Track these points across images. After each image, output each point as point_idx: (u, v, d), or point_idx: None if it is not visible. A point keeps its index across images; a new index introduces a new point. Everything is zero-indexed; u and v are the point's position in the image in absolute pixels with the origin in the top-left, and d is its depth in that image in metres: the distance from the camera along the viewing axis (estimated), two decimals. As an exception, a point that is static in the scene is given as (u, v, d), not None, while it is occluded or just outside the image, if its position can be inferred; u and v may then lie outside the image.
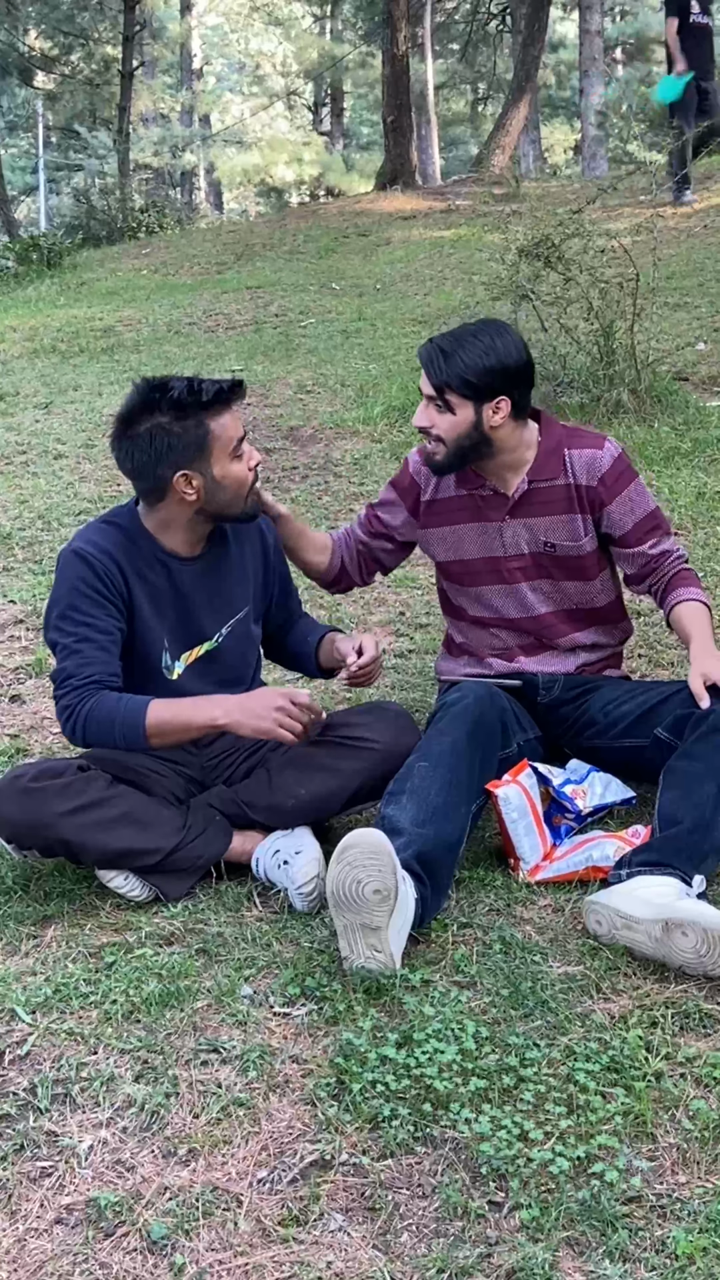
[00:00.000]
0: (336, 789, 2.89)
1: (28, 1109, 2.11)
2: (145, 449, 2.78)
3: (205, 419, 2.78)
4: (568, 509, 3.12)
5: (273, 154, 34.82)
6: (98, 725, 2.73)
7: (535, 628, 3.22)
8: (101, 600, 2.80)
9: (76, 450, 6.98)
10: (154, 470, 2.80)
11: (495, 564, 3.19)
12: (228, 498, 2.85)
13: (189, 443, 2.77)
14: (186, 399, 2.76)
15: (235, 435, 2.82)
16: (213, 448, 2.79)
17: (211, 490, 2.82)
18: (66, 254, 16.67)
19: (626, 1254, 1.79)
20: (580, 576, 3.18)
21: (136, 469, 2.82)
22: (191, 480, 2.80)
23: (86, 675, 2.76)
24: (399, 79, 19.13)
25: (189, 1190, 1.92)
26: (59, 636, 2.82)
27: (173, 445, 2.77)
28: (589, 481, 3.10)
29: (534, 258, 7.14)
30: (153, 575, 2.89)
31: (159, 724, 2.72)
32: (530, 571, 3.18)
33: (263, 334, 10.34)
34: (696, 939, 2.40)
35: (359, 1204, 1.90)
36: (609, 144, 23.22)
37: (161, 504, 2.87)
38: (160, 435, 2.77)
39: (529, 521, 3.14)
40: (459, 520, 3.20)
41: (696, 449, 6.27)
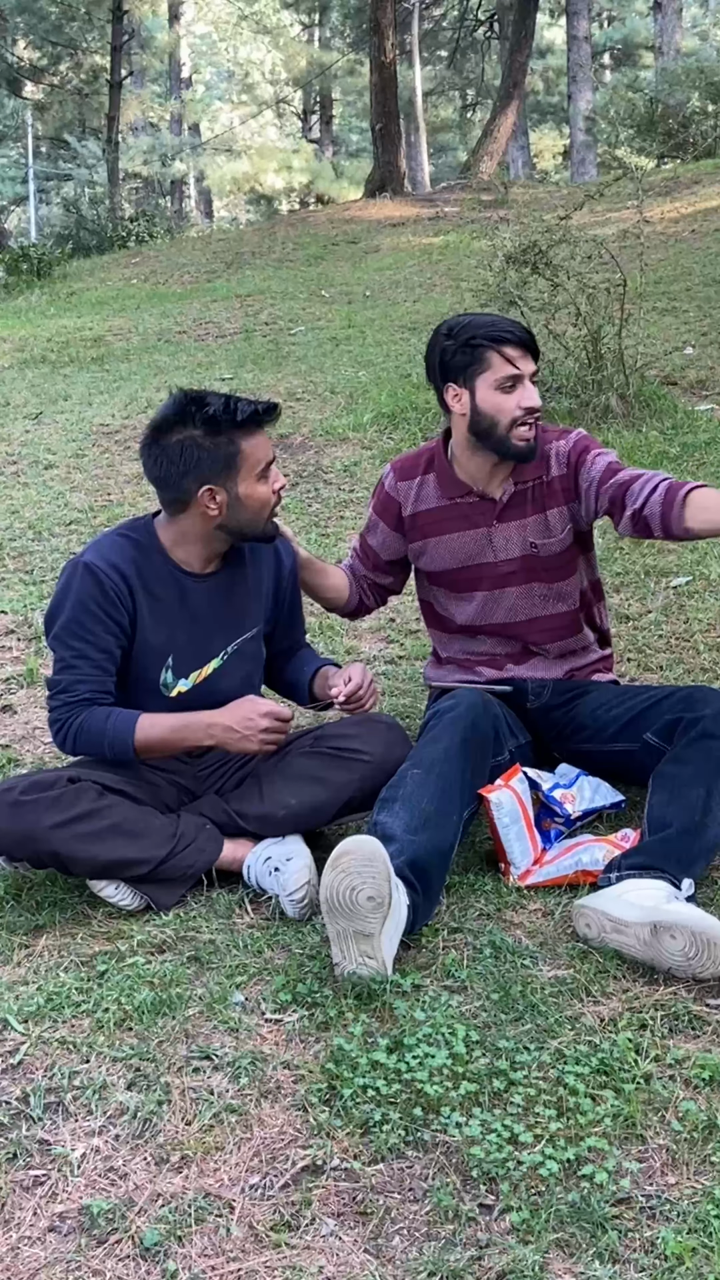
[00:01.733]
0: (327, 800, 2.90)
1: (20, 1118, 2.12)
2: (174, 459, 2.80)
3: (237, 438, 2.80)
4: (543, 507, 3.14)
5: (262, 162, 34.87)
6: (88, 738, 2.82)
7: (524, 632, 3.22)
8: (104, 618, 2.82)
9: (67, 460, 7.00)
10: (179, 481, 2.82)
11: (488, 570, 3.19)
12: (248, 517, 2.87)
13: (218, 459, 2.79)
14: (221, 416, 2.78)
15: (264, 457, 2.84)
16: (241, 467, 2.81)
17: (234, 508, 2.84)
18: (56, 264, 16.70)
19: (616, 1255, 1.80)
20: (565, 573, 3.20)
21: (162, 478, 2.84)
22: (215, 495, 2.82)
23: (78, 693, 2.82)
24: (387, 86, 19.18)
25: (181, 1197, 1.93)
26: (58, 647, 2.86)
27: (201, 460, 2.79)
28: (560, 470, 3.13)
29: (522, 264, 7.17)
30: (163, 592, 2.90)
31: (146, 742, 2.82)
32: (520, 575, 3.18)
33: (252, 342, 10.36)
34: (685, 942, 2.41)
35: (350, 1208, 1.91)
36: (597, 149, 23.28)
37: (182, 516, 2.88)
38: (190, 448, 2.79)
39: (517, 524, 3.16)
40: (447, 530, 3.21)
41: (685, 453, 6.29)
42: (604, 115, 23.03)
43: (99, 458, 7.02)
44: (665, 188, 14.94)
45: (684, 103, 19.66)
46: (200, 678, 2.96)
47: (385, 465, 3.33)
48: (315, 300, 12.13)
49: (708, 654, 4.14)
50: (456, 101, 37.87)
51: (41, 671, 4.20)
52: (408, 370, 8.52)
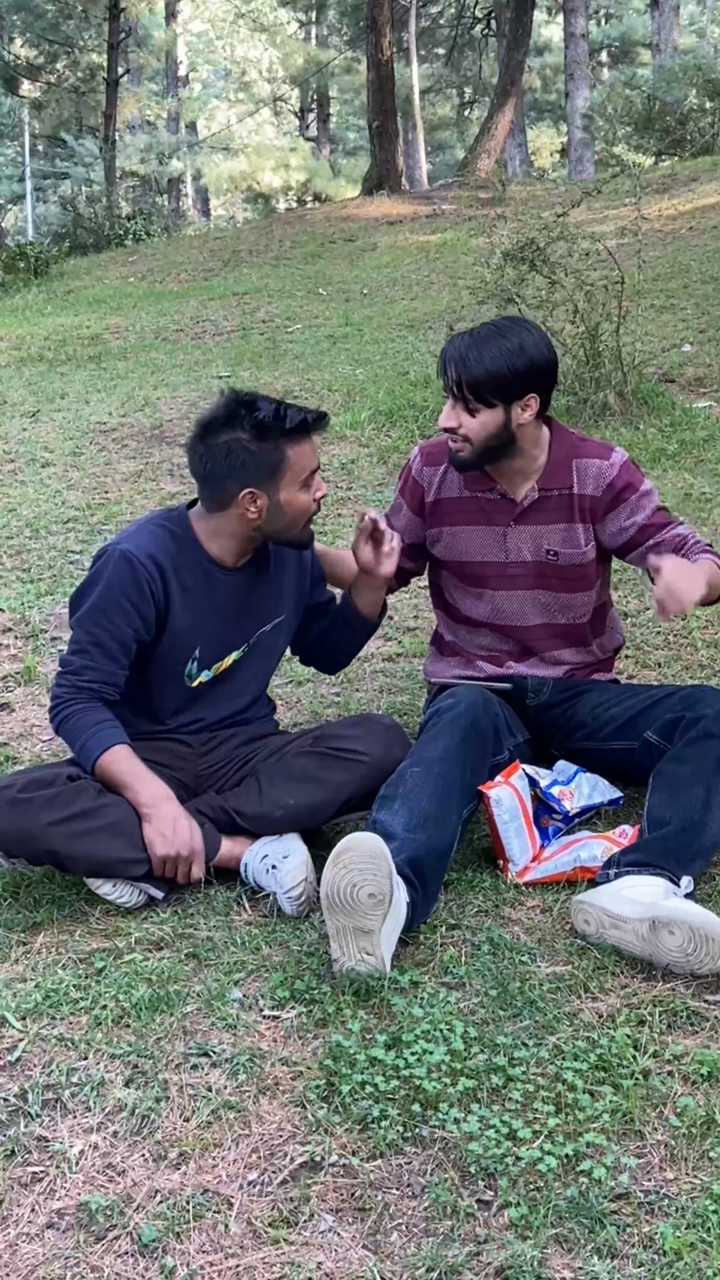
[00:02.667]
0: (325, 800, 2.90)
1: (18, 1114, 2.12)
2: (220, 460, 2.81)
3: (284, 445, 2.80)
4: (570, 518, 3.10)
5: (259, 160, 34.86)
6: (70, 731, 2.84)
7: (524, 637, 3.22)
8: (129, 610, 2.82)
9: (64, 458, 6.99)
10: (222, 482, 2.82)
11: (497, 569, 3.17)
12: (286, 523, 2.87)
13: (263, 464, 2.79)
14: (271, 422, 2.78)
15: (309, 466, 2.85)
16: (285, 473, 2.81)
17: (274, 513, 2.84)
18: (53, 262, 16.70)
19: (615, 1250, 1.80)
20: (579, 587, 3.17)
21: (205, 476, 2.85)
22: (256, 500, 2.82)
23: (85, 679, 2.83)
24: (384, 84, 19.17)
25: (179, 1193, 1.93)
26: (78, 629, 2.87)
27: (246, 463, 2.79)
28: (595, 491, 3.08)
29: (519, 261, 7.17)
30: (194, 584, 2.90)
31: (105, 770, 2.80)
32: (531, 580, 3.16)
33: (249, 340, 10.36)
34: (683, 938, 2.41)
35: (349, 1204, 1.91)
36: (595, 147, 23.29)
37: (220, 514, 2.88)
38: (237, 450, 2.79)
39: (534, 529, 3.12)
40: (463, 522, 3.18)
41: (683, 450, 6.29)
42: (601, 113, 23.03)
43: (96, 456, 7.01)
44: (663, 185, 14.94)
45: (681, 100, 19.66)
46: (220, 669, 2.98)
47: (415, 448, 3.30)
48: (312, 298, 12.13)
49: (705, 651, 4.14)
50: (454, 99, 37.88)
51: (39, 670, 4.20)
52: (405, 368, 8.52)
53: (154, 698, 2.97)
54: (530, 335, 2.99)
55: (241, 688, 3.04)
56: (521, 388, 2.95)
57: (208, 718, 3.02)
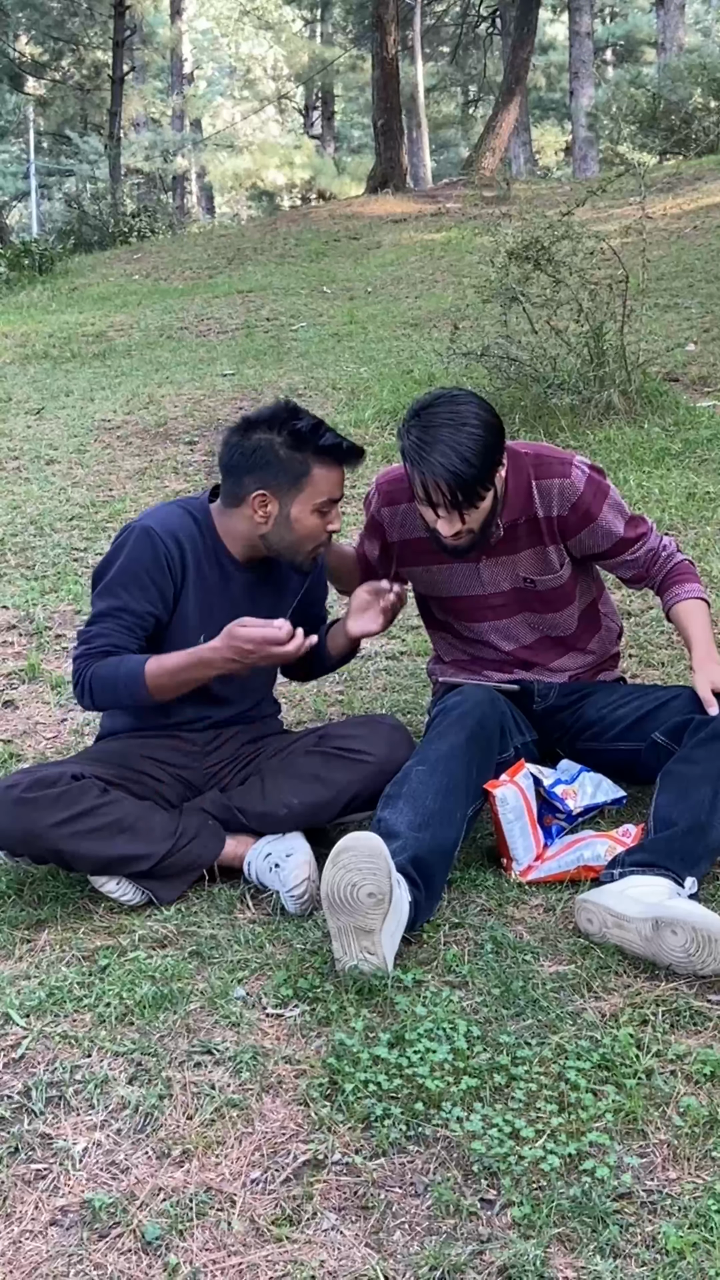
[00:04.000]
0: (329, 800, 2.90)
1: (22, 1112, 2.12)
2: (247, 454, 2.84)
3: (312, 461, 2.81)
4: (540, 542, 3.07)
5: (264, 158, 34.85)
6: (103, 686, 2.82)
7: (524, 654, 3.21)
8: (149, 584, 2.84)
9: (69, 455, 7.00)
10: (242, 477, 2.85)
11: (478, 601, 3.16)
12: (291, 541, 2.88)
13: (286, 471, 2.81)
14: (306, 434, 2.80)
15: (329, 493, 2.85)
16: (304, 489, 2.82)
17: (280, 525, 2.85)
18: (58, 259, 16.70)
19: (617, 1250, 1.80)
20: (562, 605, 3.16)
21: (229, 468, 2.88)
22: (267, 504, 2.84)
23: (103, 645, 2.83)
24: (389, 82, 19.18)
25: (183, 1191, 1.93)
26: (96, 602, 2.88)
27: (270, 464, 2.81)
28: (560, 511, 3.03)
29: (524, 260, 7.16)
30: (209, 572, 2.92)
31: (158, 684, 2.80)
32: (515, 606, 3.15)
33: (254, 338, 10.36)
34: (686, 938, 2.41)
35: (352, 1203, 1.91)
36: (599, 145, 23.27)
37: (233, 510, 2.90)
38: (266, 449, 2.81)
39: (507, 559, 3.09)
40: (434, 561, 3.13)
41: (687, 449, 6.29)
42: (606, 111, 22.99)
43: (101, 453, 7.02)
44: (667, 184, 14.93)
45: (686, 99, 19.63)
46: None
47: (374, 480, 3.22)
48: (317, 296, 12.13)
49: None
50: (458, 97, 37.88)
51: (43, 667, 4.20)
52: (409, 366, 8.51)
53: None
54: (474, 406, 2.85)
55: (247, 686, 3.05)
56: (496, 459, 2.86)
57: (214, 715, 3.02)
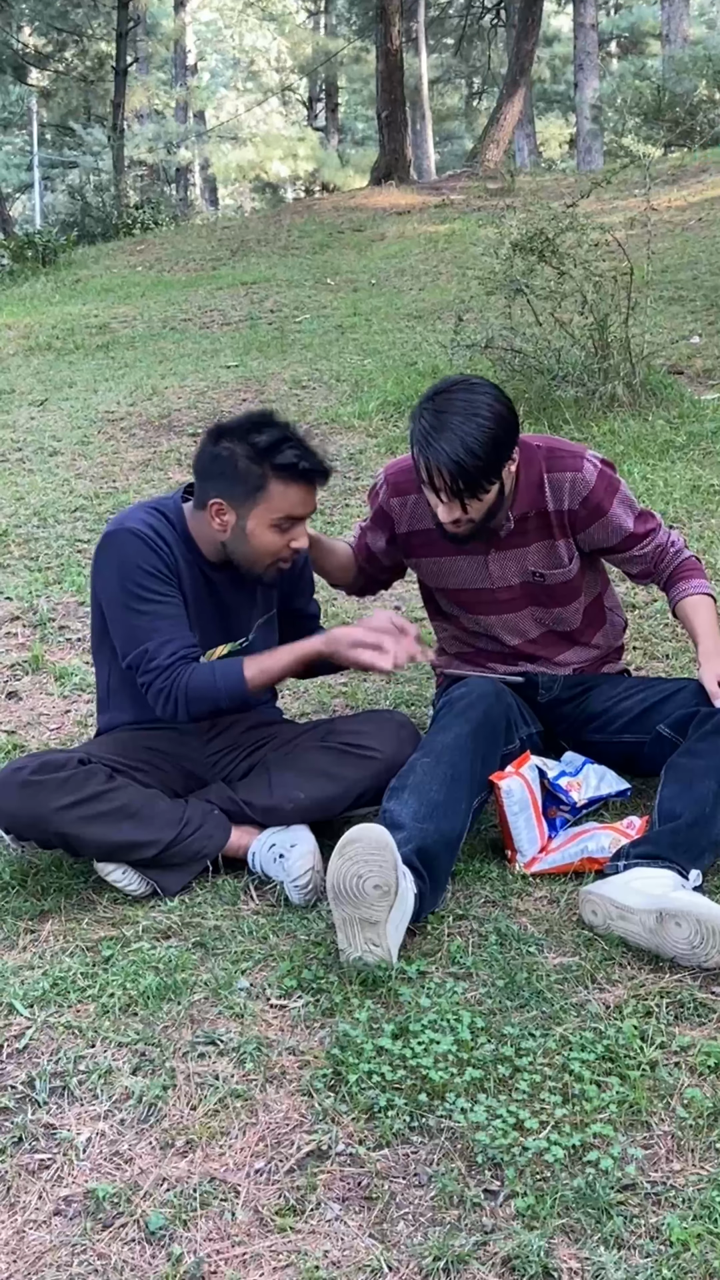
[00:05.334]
0: (336, 795, 2.90)
1: (26, 1102, 2.12)
2: (210, 462, 2.84)
3: (270, 476, 2.79)
4: (550, 535, 3.06)
5: (267, 150, 34.80)
6: (199, 696, 2.80)
7: (529, 648, 3.21)
8: (163, 576, 2.84)
9: (72, 447, 6.99)
10: (205, 482, 2.86)
11: (486, 595, 3.15)
12: (247, 554, 2.86)
13: (242, 483, 2.80)
14: (264, 448, 2.78)
15: (288, 510, 2.82)
16: (260, 503, 2.81)
17: (237, 536, 2.84)
18: (61, 251, 16.67)
19: (621, 1241, 1.80)
20: (569, 599, 3.16)
21: (197, 471, 2.90)
22: (224, 513, 2.83)
23: (170, 653, 2.80)
24: (393, 74, 19.13)
25: (186, 1181, 1.93)
26: (129, 618, 2.83)
27: (227, 474, 2.81)
28: (571, 505, 3.02)
29: (528, 252, 7.15)
30: (187, 571, 2.92)
31: (256, 681, 2.83)
32: (522, 600, 3.14)
33: (257, 330, 10.35)
34: (690, 930, 2.41)
35: (356, 1193, 1.91)
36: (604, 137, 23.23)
37: (200, 513, 2.90)
38: (227, 460, 2.81)
39: (516, 552, 3.08)
40: (443, 552, 3.12)
41: (691, 442, 6.28)
42: (610, 103, 22.98)
43: (104, 445, 7.01)
44: (672, 176, 14.90)
45: (691, 91, 19.61)
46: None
47: (380, 471, 3.21)
48: (320, 288, 12.11)
49: (713, 643, 4.12)
50: (462, 89, 37.80)
51: (47, 658, 4.20)
52: (413, 358, 8.50)
53: None
54: (489, 397, 2.82)
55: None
56: (506, 454, 2.85)
57: None
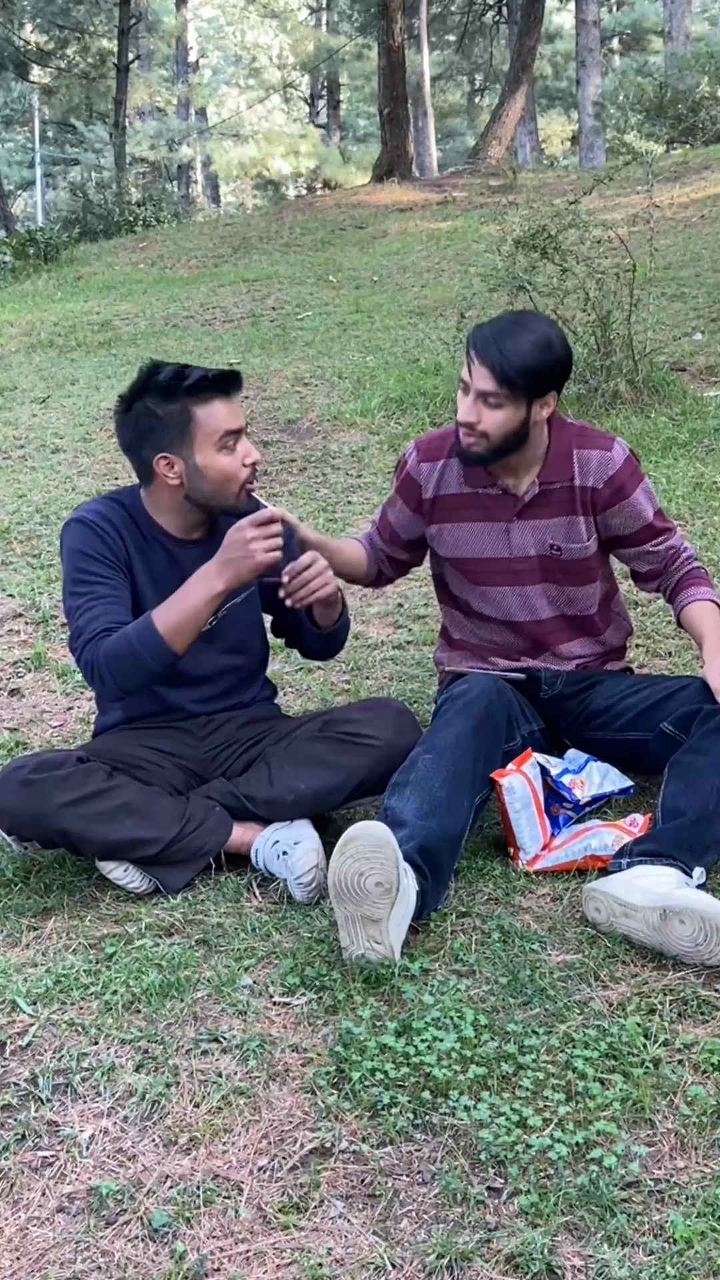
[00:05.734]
0: (336, 785, 2.89)
1: (29, 1099, 2.12)
2: (133, 428, 2.85)
3: (190, 405, 2.79)
4: (572, 511, 3.08)
5: (269, 147, 34.77)
6: (120, 662, 2.73)
7: (537, 631, 3.21)
8: (104, 560, 2.84)
9: (74, 444, 6.99)
10: (139, 450, 2.86)
11: (503, 565, 3.15)
12: (211, 489, 2.85)
13: (170, 425, 2.80)
14: (171, 382, 2.79)
15: (223, 426, 2.81)
16: (195, 434, 2.80)
17: (193, 478, 2.84)
18: (63, 248, 16.65)
19: (625, 1238, 1.80)
20: (584, 580, 3.16)
21: (127, 447, 2.89)
22: (173, 465, 2.83)
23: (95, 629, 2.78)
24: (395, 71, 19.10)
25: (190, 1178, 1.93)
26: (69, 601, 2.84)
27: (154, 427, 2.81)
28: (596, 483, 3.05)
29: (530, 249, 7.15)
30: (151, 554, 2.92)
31: (170, 627, 2.72)
32: (537, 575, 3.14)
33: (259, 327, 10.34)
34: (694, 927, 2.41)
35: (359, 1191, 1.91)
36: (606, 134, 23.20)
37: (151, 486, 2.91)
38: (145, 416, 2.82)
39: (536, 524, 3.10)
40: (465, 519, 3.15)
41: (694, 439, 6.27)
42: (613, 100, 22.96)
43: (106, 442, 7.01)
44: (674, 173, 14.88)
45: (693, 88, 19.59)
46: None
47: (409, 443, 3.26)
48: (322, 285, 12.10)
49: (716, 640, 4.12)
50: (464, 86, 37.78)
51: (49, 655, 4.20)
52: (415, 355, 8.50)
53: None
54: (554, 331, 2.96)
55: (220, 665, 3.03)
56: (546, 384, 2.93)
57: (202, 698, 3.03)
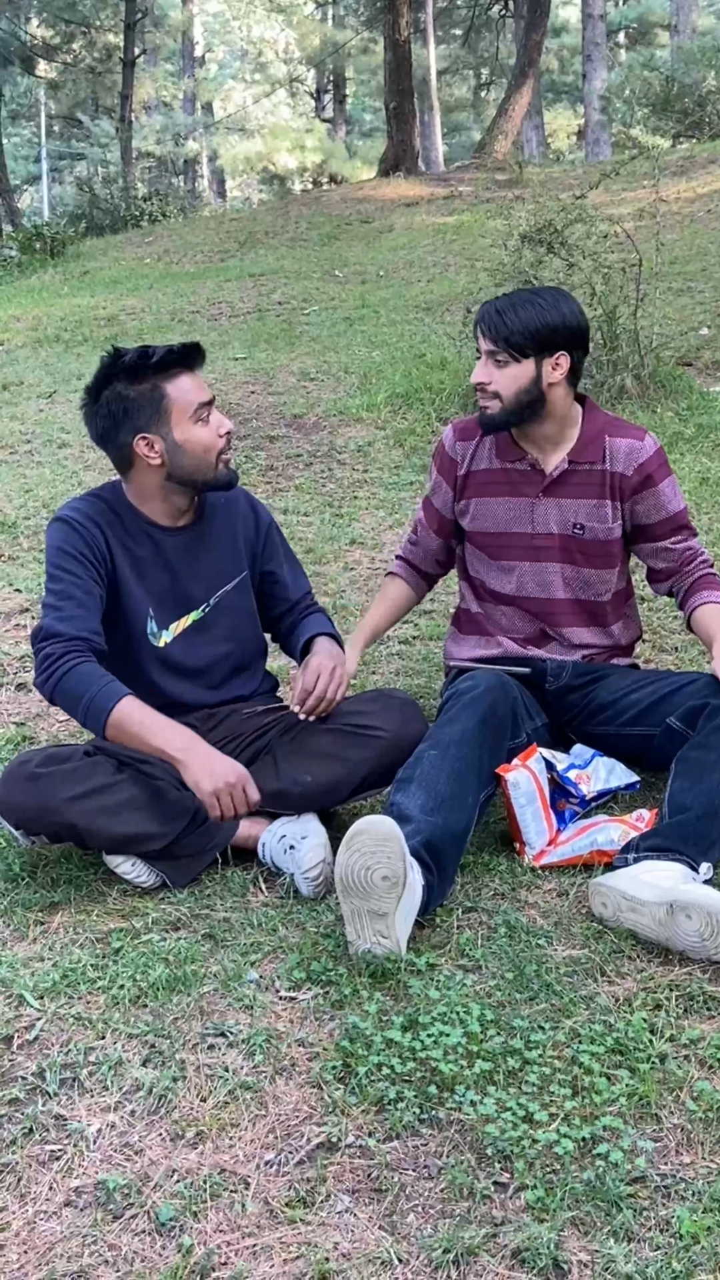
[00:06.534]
0: (343, 777, 2.89)
1: (36, 1093, 2.12)
2: (105, 416, 2.86)
3: (160, 382, 2.83)
4: (600, 494, 3.14)
5: (275, 141, 34.74)
6: (71, 691, 2.71)
7: (548, 611, 3.22)
8: (84, 561, 2.86)
9: (80, 439, 6.99)
10: (115, 436, 2.87)
11: (524, 540, 3.20)
12: (192, 463, 2.89)
13: (144, 405, 2.83)
14: (137, 363, 2.82)
15: (196, 399, 2.86)
16: (170, 411, 2.84)
17: (174, 454, 2.87)
18: (69, 243, 16.67)
19: (631, 1233, 1.80)
20: (602, 564, 3.19)
21: (101, 437, 2.90)
22: (153, 445, 2.85)
23: (72, 631, 2.76)
24: (401, 65, 19.08)
25: (196, 1172, 1.93)
26: (46, 598, 2.87)
27: (129, 410, 2.83)
28: (625, 470, 3.12)
29: (537, 243, 7.14)
30: (137, 546, 2.94)
31: (120, 723, 2.67)
32: (556, 553, 3.18)
33: (266, 321, 10.33)
34: (700, 922, 2.41)
35: (365, 1185, 1.91)
36: (612, 129, 23.15)
37: (131, 472, 2.93)
38: (117, 401, 2.84)
39: (562, 502, 3.16)
40: (493, 493, 3.22)
41: (700, 434, 6.27)
42: (619, 94, 22.89)
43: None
44: (681, 167, 14.85)
45: (700, 82, 19.52)
46: (179, 629, 2.99)
47: (446, 428, 3.36)
48: (329, 280, 12.10)
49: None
50: (471, 80, 37.72)
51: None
52: (421, 350, 8.49)
53: (134, 663, 2.96)
54: (564, 298, 3.10)
55: (224, 652, 3.05)
56: (552, 343, 3.03)
57: (200, 694, 3.03)
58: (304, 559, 4.94)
